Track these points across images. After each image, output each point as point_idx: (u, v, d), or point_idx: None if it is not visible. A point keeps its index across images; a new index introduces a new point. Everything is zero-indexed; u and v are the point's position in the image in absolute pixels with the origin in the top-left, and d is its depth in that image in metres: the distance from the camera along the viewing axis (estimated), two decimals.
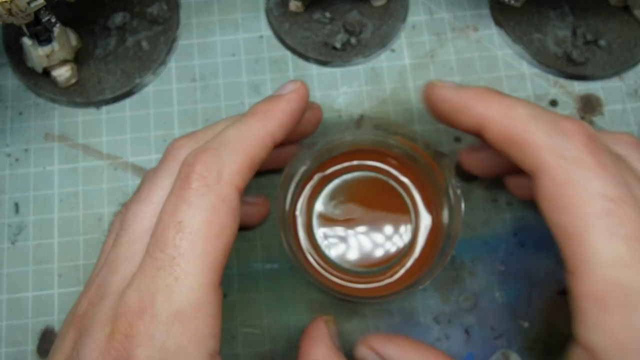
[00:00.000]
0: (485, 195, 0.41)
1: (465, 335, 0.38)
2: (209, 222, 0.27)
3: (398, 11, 0.44)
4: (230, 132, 0.30)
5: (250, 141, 0.30)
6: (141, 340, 0.26)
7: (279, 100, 0.32)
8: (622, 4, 0.44)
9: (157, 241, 0.27)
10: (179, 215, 0.27)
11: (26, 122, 0.43)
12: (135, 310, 0.26)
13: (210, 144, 0.29)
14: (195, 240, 0.27)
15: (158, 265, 0.27)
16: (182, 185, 0.28)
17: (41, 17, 0.38)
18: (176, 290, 0.26)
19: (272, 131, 0.31)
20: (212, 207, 0.28)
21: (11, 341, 0.38)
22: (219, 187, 0.28)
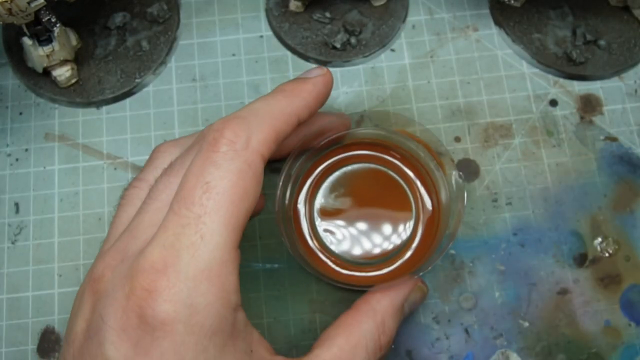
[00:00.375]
0: (485, 195, 0.41)
1: (465, 335, 0.38)
2: (235, 185, 0.28)
3: (398, 11, 0.44)
4: (258, 104, 0.31)
5: (278, 115, 0.31)
6: (167, 295, 0.26)
7: (306, 82, 0.33)
8: (622, 4, 0.44)
9: (184, 199, 0.28)
10: (207, 176, 0.28)
11: (26, 122, 0.43)
12: (159, 266, 0.27)
13: (239, 112, 0.30)
14: (222, 201, 0.27)
15: (183, 222, 0.27)
16: (210, 149, 0.28)
17: (41, 17, 0.38)
18: (202, 248, 0.27)
19: (298, 110, 0.32)
20: (238, 171, 0.28)
21: (11, 341, 0.38)
22: (246, 152, 0.29)
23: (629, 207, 0.40)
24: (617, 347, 0.38)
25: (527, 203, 0.40)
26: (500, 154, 0.41)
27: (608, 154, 0.41)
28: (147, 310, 0.26)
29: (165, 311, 0.26)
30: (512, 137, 0.42)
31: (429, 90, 0.43)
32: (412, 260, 0.37)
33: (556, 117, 0.42)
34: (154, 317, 0.26)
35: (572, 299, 0.38)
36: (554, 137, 0.42)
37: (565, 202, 0.40)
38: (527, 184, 0.41)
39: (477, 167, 0.41)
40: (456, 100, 0.43)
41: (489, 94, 0.43)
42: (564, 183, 0.41)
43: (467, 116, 0.42)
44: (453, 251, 0.39)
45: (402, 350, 0.38)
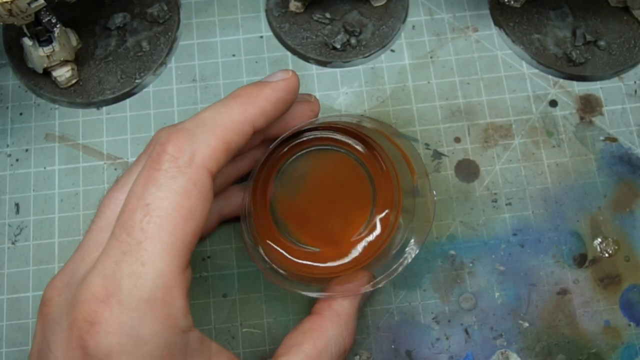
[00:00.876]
0: (485, 196, 0.41)
1: (465, 335, 0.38)
2: (179, 206, 0.26)
3: (398, 11, 0.44)
4: (207, 113, 0.29)
5: (229, 125, 0.29)
6: (110, 327, 0.25)
7: (264, 87, 0.31)
8: (622, 4, 0.44)
9: (124, 224, 0.26)
10: (147, 198, 0.26)
11: (27, 122, 0.43)
12: (100, 296, 0.25)
13: (186, 124, 0.28)
14: (163, 225, 0.26)
15: (124, 249, 0.26)
16: (152, 166, 0.27)
17: (42, 17, 0.38)
18: (143, 277, 0.26)
19: (253, 117, 0.29)
20: (182, 190, 0.26)
21: (11, 341, 0.38)
22: (190, 169, 0.27)
23: (628, 207, 0.40)
24: (616, 347, 0.38)
25: (527, 203, 0.40)
26: (500, 154, 0.41)
27: (608, 154, 0.41)
28: (90, 343, 0.25)
29: (110, 343, 0.25)
30: (512, 137, 0.42)
31: (428, 91, 0.43)
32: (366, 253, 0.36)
33: (556, 118, 0.42)
34: (98, 350, 0.25)
35: (571, 300, 0.38)
36: (553, 137, 0.42)
37: (565, 203, 0.40)
38: (527, 184, 0.41)
39: (477, 167, 0.41)
40: (456, 100, 0.43)
41: (489, 95, 0.43)
42: (563, 183, 0.41)
43: (467, 117, 0.42)
44: (453, 252, 0.39)
45: (402, 350, 0.38)
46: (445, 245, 0.39)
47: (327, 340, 0.32)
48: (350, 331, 0.34)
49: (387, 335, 0.38)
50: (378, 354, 0.37)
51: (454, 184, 0.41)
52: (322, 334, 0.33)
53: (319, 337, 0.32)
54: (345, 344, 0.33)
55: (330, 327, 0.33)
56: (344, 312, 0.34)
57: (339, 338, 0.33)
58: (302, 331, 0.33)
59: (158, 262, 0.26)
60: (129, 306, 0.25)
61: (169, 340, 0.26)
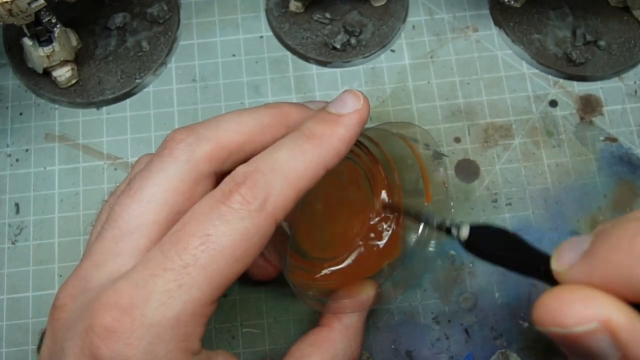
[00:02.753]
0: (485, 196, 0.41)
1: (465, 335, 0.38)
2: (236, 245, 0.26)
3: (398, 11, 0.44)
4: (282, 155, 0.28)
5: (303, 172, 0.28)
6: (127, 338, 0.25)
7: (338, 124, 0.29)
8: (622, 4, 0.44)
9: (176, 243, 0.26)
10: (210, 229, 0.26)
11: (27, 122, 0.43)
12: (124, 304, 0.25)
13: (261, 165, 0.28)
14: (216, 258, 0.26)
15: (167, 266, 0.26)
16: (222, 200, 0.27)
17: (42, 17, 0.38)
18: (175, 297, 0.25)
19: (326, 161, 0.28)
20: (246, 232, 0.26)
21: (11, 341, 0.38)
22: (259, 215, 0.27)
23: (628, 207, 0.40)
24: None
25: (527, 203, 0.40)
26: (500, 154, 0.41)
27: (608, 154, 0.41)
28: (104, 351, 0.25)
29: (125, 354, 0.25)
30: (512, 137, 0.42)
31: (429, 91, 0.43)
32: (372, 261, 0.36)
33: (556, 118, 0.42)
34: (111, 359, 0.25)
35: None
36: (554, 137, 0.42)
37: (565, 203, 0.40)
38: (527, 184, 0.41)
39: (477, 167, 0.41)
40: (456, 100, 0.43)
41: (489, 95, 0.43)
42: (564, 183, 0.41)
43: (467, 117, 0.42)
44: (453, 252, 0.39)
45: (402, 350, 0.38)
46: (445, 245, 0.39)
47: (335, 353, 0.32)
48: (358, 343, 0.34)
49: (387, 335, 0.38)
50: (378, 354, 0.37)
51: (454, 184, 0.41)
52: (331, 347, 0.32)
53: (328, 349, 0.32)
54: (354, 357, 0.33)
55: (339, 340, 0.33)
56: (353, 325, 0.34)
57: (347, 351, 0.33)
58: (310, 343, 0.33)
59: (195, 289, 0.26)
60: (151, 321, 0.25)
61: (178, 359, 0.26)
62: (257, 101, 0.43)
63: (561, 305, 0.23)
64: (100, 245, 0.28)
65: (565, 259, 0.25)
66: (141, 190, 0.28)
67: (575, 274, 0.24)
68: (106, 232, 0.28)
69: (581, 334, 0.22)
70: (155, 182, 0.29)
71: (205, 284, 0.26)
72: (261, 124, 0.30)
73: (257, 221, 0.27)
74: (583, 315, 0.22)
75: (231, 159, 0.30)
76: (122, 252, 0.28)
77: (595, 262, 0.23)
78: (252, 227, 0.27)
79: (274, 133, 0.30)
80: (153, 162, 0.29)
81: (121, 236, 0.28)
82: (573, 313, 0.22)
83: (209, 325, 0.38)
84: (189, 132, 0.29)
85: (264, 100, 0.43)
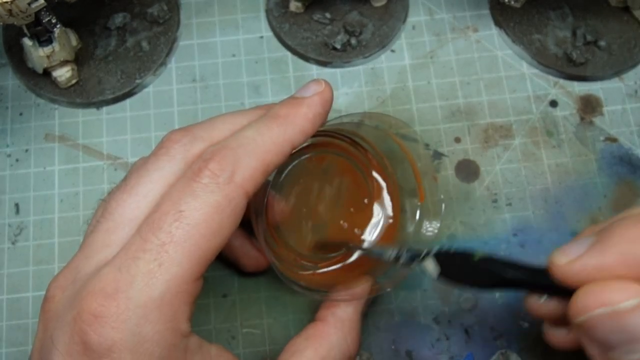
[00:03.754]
0: (485, 196, 0.41)
1: (465, 336, 0.38)
2: (210, 219, 0.27)
3: (398, 12, 0.44)
4: (249, 133, 0.30)
5: (270, 146, 0.29)
6: (114, 322, 0.26)
7: (301, 105, 0.31)
8: (622, 4, 0.44)
9: (152, 223, 0.27)
10: (182, 205, 0.27)
11: (27, 122, 0.43)
12: (109, 290, 0.26)
13: (229, 142, 0.29)
14: (191, 233, 0.27)
15: (146, 247, 0.26)
16: (192, 178, 0.28)
17: (42, 17, 0.38)
18: (157, 277, 0.26)
19: (292, 138, 0.30)
20: (217, 204, 0.27)
21: (11, 341, 0.38)
22: (228, 187, 0.28)
23: (629, 207, 0.40)
24: None
25: (527, 204, 0.40)
26: (500, 154, 0.41)
27: (608, 154, 0.41)
28: (92, 336, 0.26)
29: (112, 338, 0.25)
30: (512, 137, 0.42)
31: (429, 91, 0.43)
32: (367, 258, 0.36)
33: (556, 118, 0.42)
34: (100, 344, 0.26)
35: None
36: (554, 137, 0.42)
37: (565, 203, 0.40)
38: (527, 184, 0.41)
39: (477, 167, 0.41)
40: (456, 100, 0.43)
41: (489, 95, 0.43)
42: (564, 184, 0.41)
43: (467, 117, 0.42)
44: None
45: (402, 351, 0.38)
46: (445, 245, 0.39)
47: (330, 346, 0.33)
48: (354, 337, 0.34)
49: (387, 335, 0.38)
50: (378, 354, 0.37)
51: (454, 184, 0.41)
52: (325, 340, 0.33)
53: (322, 343, 0.33)
54: (350, 350, 0.33)
55: (334, 333, 0.33)
56: (348, 318, 0.34)
57: (342, 344, 0.33)
58: (305, 337, 0.33)
59: (175, 266, 0.26)
60: (137, 303, 0.26)
61: (169, 340, 0.27)
62: (257, 101, 0.43)
63: (605, 287, 0.26)
64: (93, 238, 0.29)
65: (571, 252, 0.27)
66: (137, 186, 0.29)
67: (581, 263, 0.27)
68: (100, 225, 0.29)
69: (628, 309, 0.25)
70: (151, 179, 0.29)
71: (185, 260, 0.27)
72: None
73: (227, 193, 0.28)
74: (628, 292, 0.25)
75: None
76: (113, 243, 0.28)
77: (606, 249, 0.26)
78: (223, 199, 0.27)
79: None
80: (149, 160, 0.30)
81: (114, 228, 0.29)
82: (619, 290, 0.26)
83: (209, 325, 0.38)
84: (185, 132, 0.30)
85: (264, 100, 0.43)
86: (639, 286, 0.25)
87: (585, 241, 0.27)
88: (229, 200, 0.28)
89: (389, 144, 0.37)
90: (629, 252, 0.26)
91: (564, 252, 0.28)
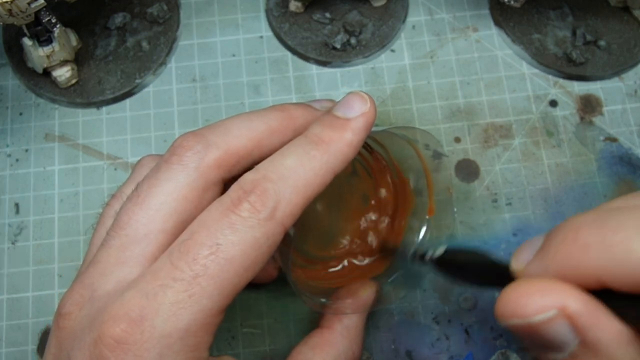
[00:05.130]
0: (485, 196, 0.41)
1: (465, 335, 0.38)
2: (246, 255, 0.26)
3: (398, 11, 0.44)
4: (290, 162, 0.28)
5: (312, 179, 0.28)
6: (137, 350, 0.25)
7: (344, 129, 0.29)
8: (622, 4, 0.44)
9: (186, 252, 0.26)
10: (220, 238, 0.26)
11: (26, 122, 0.43)
12: (134, 315, 0.25)
13: (270, 172, 0.27)
14: (226, 268, 0.26)
15: (176, 276, 0.26)
16: (231, 208, 0.26)
17: (41, 17, 0.38)
18: (186, 308, 0.25)
19: (335, 168, 0.28)
20: (255, 241, 0.26)
21: (11, 341, 0.38)
22: (268, 224, 0.26)
23: None
24: None
25: (527, 203, 0.40)
26: (500, 154, 0.41)
27: (608, 154, 0.41)
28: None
29: None
30: (512, 137, 0.42)
31: (429, 91, 0.43)
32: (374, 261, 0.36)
33: (556, 118, 0.42)
34: None
35: None
36: (554, 137, 0.42)
37: (565, 203, 0.40)
38: (527, 184, 0.41)
39: (477, 167, 0.41)
40: (456, 100, 0.43)
41: (489, 95, 0.43)
42: (564, 184, 0.41)
43: (467, 117, 0.42)
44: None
45: (402, 351, 0.38)
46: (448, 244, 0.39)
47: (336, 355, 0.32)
48: (359, 343, 0.34)
49: (387, 335, 0.38)
50: (378, 354, 0.37)
51: (454, 184, 0.41)
52: (332, 349, 0.32)
53: (329, 352, 0.32)
54: (355, 358, 0.33)
55: (340, 341, 0.33)
56: (354, 326, 0.34)
57: (348, 352, 0.33)
58: (311, 346, 0.33)
59: (206, 299, 0.26)
60: (162, 332, 0.25)
61: None
62: (257, 101, 0.43)
63: (520, 298, 0.23)
64: (106, 253, 0.28)
65: (522, 258, 0.26)
66: (149, 198, 0.28)
67: (530, 270, 0.25)
68: (113, 240, 0.28)
69: (540, 322, 0.23)
70: (163, 190, 0.28)
71: (216, 293, 0.26)
72: (270, 128, 0.30)
73: (266, 230, 0.26)
74: (541, 304, 0.23)
75: (239, 165, 0.29)
76: (129, 260, 0.27)
77: (547, 256, 0.24)
78: (262, 236, 0.26)
79: (282, 137, 0.30)
80: (161, 169, 0.29)
81: (128, 244, 0.28)
82: (532, 303, 0.23)
83: None
84: (198, 138, 0.29)
85: (263, 100, 0.43)
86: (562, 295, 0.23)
87: (534, 245, 0.26)
88: (268, 237, 0.27)
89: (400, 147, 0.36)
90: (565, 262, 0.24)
91: (517, 256, 0.26)
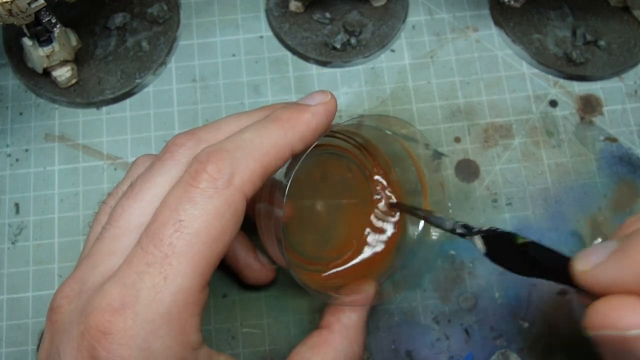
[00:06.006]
0: (485, 196, 0.41)
1: (465, 335, 0.38)
2: (211, 226, 0.26)
3: (398, 11, 0.44)
4: (248, 135, 0.29)
5: (268, 149, 0.28)
6: (122, 338, 0.25)
7: (305, 111, 0.30)
8: (622, 4, 0.44)
9: (153, 235, 0.26)
10: (181, 214, 0.26)
11: (26, 122, 0.43)
12: (116, 305, 0.25)
13: (226, 144, 0.28)
14: (193, 242, 0.26)
15: (149, 260, 0.26)
16: (190, 182, 0.27)
17: (42, 17, 0.38)
18: (163, 291, 0.26)
19: (292, 142, 0.29)
20: (216, 210, 0.27)
21: (11, 341, 0.38)
22: (227, 191, 0.27)
23: (629, 207, 0.40)
24: None
25: (527, 203, 0.40)
26: (500, 154, 0.41)
27: (608, 154, 0.41)
28: (101, 353, 0.25)
29: (120, 355, 0.25)
30: (512, 137, 0.42)
31: (429, 91, 0.43)
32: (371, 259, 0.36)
33: (556, 118, 0.42)
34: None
35: (572, 300, 0.38)
36: (554, 137, 0.42)
37: (565, 203, 0.40)
38: (527, 184, 0.41)
39: (477, 167, 0.41)
40: (456, 100, 0.43)
41: (489, 95, 0.43)
42: (564, 183, 0.41)
43: (467, 116, 0.42)
44: (453, 252, 0.39)
45: (402, 350, 0.38)
46: (445, 245, 0.39)
47: (336, 355, 0.32)
48: (360, 343, 0.34)
49: (387, 335, 0.38)
50: (378, 354, 0.37)
51: (454, 184, 0.41)
52: (331, 349, 0.32)
53: (328, 352, 0.32)
54: (356, 357, 0.33)
55: (339, 341, 0.33)
56: (353, 325, 0.34)
57: (348, 351, 0.33)
58: (310, 346, 0.33)
59: (180, 278, 0.26)
60: (144, 318, 0.25)
61: (179, 355, 0.26)
62: (257, 101, 0.43)
63: (614, 310, 0.25)
64: (99, 245, 0.29)
65: (592, 259, 0.26)
66: (142, 192, 0.29)
67: (600, 272, 0.26)
68: (106, 232, 0.29)
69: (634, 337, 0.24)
70: (156, 184, 0.29)
71: (190, 270, 0.26)
72: None
73: (226, 197, 0.27)
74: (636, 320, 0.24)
75: None
76: (118, 250, 0.28)
77: (627, 259, 0.25)
78: (222, 204, 0.27)
79: None
80: (155, 165, 0.30)
81: (120, 235, 0.28)
82: (627, 316, 0.24)
83: (209, 325, 0.38)
84: (190, 136, 0.30)
85: (264, 100, 0.43)
86: None
87: (607, 247, 0.26)
88: (229, 205, 0.27)
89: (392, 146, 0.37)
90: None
91: (585, 257, 0.26)
